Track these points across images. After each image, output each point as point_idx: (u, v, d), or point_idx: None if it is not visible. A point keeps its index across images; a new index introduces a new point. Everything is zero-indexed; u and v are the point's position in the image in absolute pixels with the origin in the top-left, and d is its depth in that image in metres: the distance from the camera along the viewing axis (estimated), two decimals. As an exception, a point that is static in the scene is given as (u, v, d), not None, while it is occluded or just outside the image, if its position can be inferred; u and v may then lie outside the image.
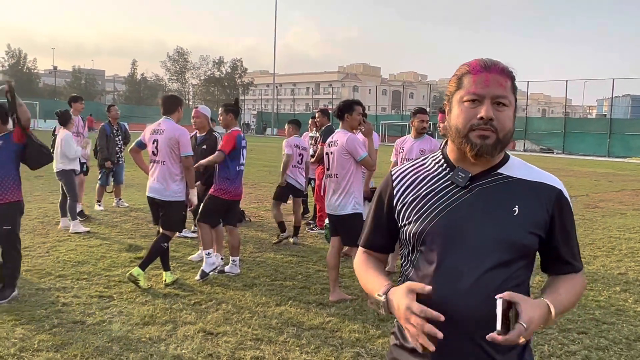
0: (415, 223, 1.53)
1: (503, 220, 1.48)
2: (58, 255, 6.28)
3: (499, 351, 1.48)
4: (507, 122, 1.48)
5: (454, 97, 1.53)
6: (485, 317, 1.44)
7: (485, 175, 1.53)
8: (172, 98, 5.62)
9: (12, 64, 61.26)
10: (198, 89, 73.26)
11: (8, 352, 3.69)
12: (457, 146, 1.53)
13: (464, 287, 1.45)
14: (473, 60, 1.53)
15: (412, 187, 1.59)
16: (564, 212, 1.55)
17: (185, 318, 4.45)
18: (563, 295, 1.49)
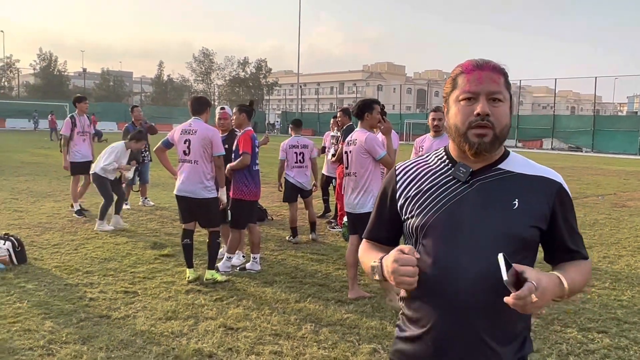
0: (417, 216, 1.59)
1: (503, 214, 1.51)
2: (86, 252, 6.48)
3: (500, 342, 1.52)
4: (503, 117, 1.52)
5: (451, 98, 1.58)
6: (486, 308, 1.49)
7: (486, 170, 1.57)
8: (201, 99, 5.74)
9: (43, 67, 62.69)
10: (223, 89, 73.93)
11: (38, 343, 3.85)
12: (456, 144, 1.58)
13: (464, 279, 1.49)
14: (466, 61, 1.58)
15: (414, 182, 1.65)
16: (565, 205, 1.58)
17: (207, 313, 4.57)
18: (572, 274, 1.50)
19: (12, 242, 5.85)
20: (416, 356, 1.60)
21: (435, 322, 1.54)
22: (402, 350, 1.65)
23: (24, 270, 5.66)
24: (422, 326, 1.57)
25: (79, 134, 8.95)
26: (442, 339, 1.54)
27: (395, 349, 1.68)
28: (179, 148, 5.45)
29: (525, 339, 1.60)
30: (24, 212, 8.94)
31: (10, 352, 3.71)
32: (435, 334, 1.55)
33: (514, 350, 1.56)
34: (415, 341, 1.60)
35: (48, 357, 3.67)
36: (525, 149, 40.91)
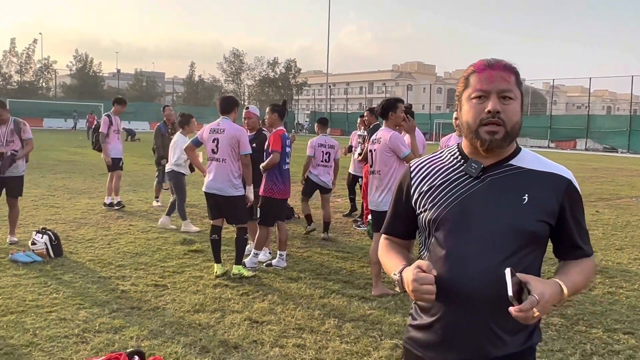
0: (430, 210, 1.65)
1: (513, 208, 1.56)
2: (118, 247, 6.70)
3: (508, 331, 1.57)
4: (514, 114, 1.58)
5: (463, 96, 1.64)
6: (495, 299, 1.54)
7: (497, 166, 1.62)
8: (229, 99, 5.88)
9: (79, 68, 64.30)
10: (253, 89, 74.55)
11: (73, 332, 4.04)
12: (469, 141, 1.64)
13: (474, 270, 1.55)
14: (477, 61, 1.63)
15: (428, 177, 1.71)
16: (573, 201, 1.62)
17: (233, 307, 4.70)
18: (574, 276, 1.57)
19: (49, 236, 6.10)
20: (427, 343, 1.67)
21: (445, 311, 1.60)
22: (414, 337, 1.72)
23: (60, 263, 5.90)
24: (432, 315, 1.64)
25: (114, 132, 9.33)
26: (451, 327, 1.60)
27: (408, 337, 1.76)
28: (208, 147, 5.60)
29: (534, 329, 1.65)
30: (60, 208, 9.27)
31: (47, 339, 3.90)
32: (445, 322, 1.61)
33: (522, 339, 1.61)
34: (426, 329, 1.67)
35: (82, 344, 3.84)
36: (558, 149, 40.14)
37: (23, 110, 47.70)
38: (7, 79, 59.35)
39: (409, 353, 1.75)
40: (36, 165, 15.69)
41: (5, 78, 59.25)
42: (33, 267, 5.68)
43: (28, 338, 3.91)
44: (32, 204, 9.52)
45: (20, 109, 47.44)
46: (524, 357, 1.62)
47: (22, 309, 4.48)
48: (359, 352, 3.88)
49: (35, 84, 60.82)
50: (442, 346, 1.62)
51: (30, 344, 3.82)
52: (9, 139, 6.54)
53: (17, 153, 6.54)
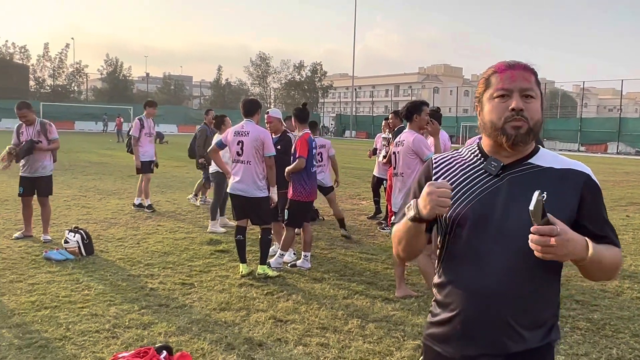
0: (450, 207, 1.66)
1: None
2: (147, 246, 6.86)
3: (527, 327, 1.60)
4: (536, 112, 1.61)
5: (484, 96, 1.67)
6: (514, 295, 1.57)
7: (516, 164, 1.65)
8: (252, 101, 5.97)
9: (109, 72, 65.67)
10: (279, 92, 75.01)
11: (103, 327, 4.17)
12: (492, 139, 1.66)
13: (493, 267, 1.59)
14: (497, 63, 1.68)
15: (449, 174, 1.74)
16: (592, 195, 1.63)
17: (258, 306, 4.78)
18: (601, 247, 1.53)
19: (81, 235, 6.30)
20: (446, 338, 1.69)
21: (464, 306, 1.63)
22: (433, 333, 1.75)
23: (92, 261, 6.08)
24: (451, 310, 1.67)
25: (145, 134, 9.53)
26: (470, 322, 1.63)
27: (427, 333, 1.79)
28: (233, 149, 5.70)
29: (552, 326, 1.66)
30: (91, 208, 9.53)
31: (79, 334, 4.04)
32: (464, 317, 1.64)
33: (541, 336, 1.62)
34: (445, 324, 1.70)
35: (112, 339, 3.97)
36: (589, 153, 39.34)
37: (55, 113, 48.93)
38: (41, 83, 60.95)
39: (429, 349, 1.78)
40: (68, 167, 16.13)
41: (39, 82, 60.86)
42: (66, 264, 5.87)
43: (61, 332, 4.06)
44: (65, 204, 9.80)
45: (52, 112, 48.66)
46: (542, 353, 1.64)
47: (55, 304, 4.65)
48: (382, 352, 3.92)
49: (67, 87, 62.30)
50: (460, 341, 1.65)
51: (63, 337, 3.97)
52: (35, 139, 6.80)
53: (39, 142, 6.77)
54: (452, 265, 1.69)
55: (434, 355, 1.75)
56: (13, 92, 48.53)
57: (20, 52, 59.84)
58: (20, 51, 59.88)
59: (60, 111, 49.65)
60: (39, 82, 60.86)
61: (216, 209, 8.16)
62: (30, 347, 3.80)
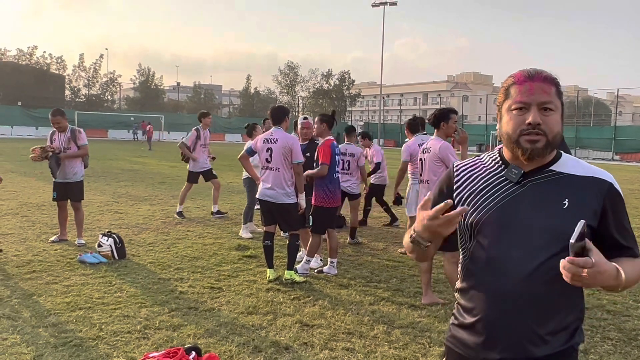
0: (472, 214, 1.69)
1: (553, 212, 1.59)
2: (177, 251, 7.00)
3: (549, 332, 1.60)
4: (555, 125, 1.61)
5: (503, 107, 1.68)
6: (536, 300, 1.58)
7: (538, 172, 1.65)
8: (280, 109, 6.04)
9: (142, 81, 67.11)
10: (307, 101, 75.39)
11: (135, 328, 4.29)
12: (509, 150, 1.68)
13: (515, 273, 1.59)
14: (517, 71, 1.67)
15: (470, 181, 1.76)
16: (615, 203, 1.63)
17: (285, 310, 4.84)
18: (629, 269, 1.52)
19: (114, 239, 6.47)
20: (469, 342, 1.71)
21: (487, 311, 1.65)
22: (456, 336, 1.77)
23: (124, 264, 6.24)
24: (474, 315, 1.68)
25: (201, 146, 9.77)
26: (493, 327, 1.64)
27: (450, 335, 1.81)
28: (262, 156, 5.79)
29: (576, 329, 1.67)
30: (123, 213, 9.76)
31: (112, 334, 4.16)
32: (487, 322, 1.65)
33: (564, 339, 1.63)
34: (468, 328, 1.71)
35: (143, 340, 4.08)
36: (624, 161, 38.37)
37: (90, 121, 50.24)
38: (76, 92, 62.64)
39: (451, 351, 1.80)
40: (101, 174, 16.53)
41: (75, 91, 62.56)
42: (99, 267, 6.04)
43: (95, 332, 4.19)
44: (98, 209, 10.06)
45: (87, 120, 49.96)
46: (565, 356, 1.64)
47: (89, 305, 4.79)
48: (407, 357, 3.92)
49: (101, 96, 63.88)
50: (483, 345, 1.66)
51: (96, 337, 4.09)
52: (65, 146, 7.06)
53: (60, 153, 7.00)
54: (474, 270, 1.71)
55: (456, 357, 1.77)
56: (50, 102, 50.03)
57: (56, 62, 61.67)
58: (57, 62, 61.69)
59: (94, 119, 50.97)
60: (74, 91, 62.56)
61: (248, 214, 8.29)
62: (65, 345, 3.93)
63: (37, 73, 56.60)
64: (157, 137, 47.36)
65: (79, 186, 7.27)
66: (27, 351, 3.82)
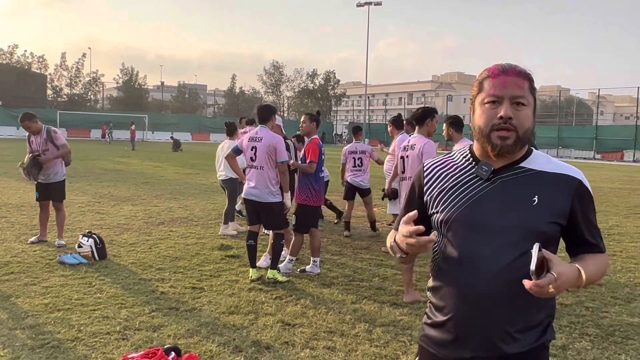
0: (442, 212, 1.70)
1: (523, 209, 1.59)
2: (159, 251, 6.95)
3: (520, 329, 1.61)
4: (526, 120, 1.61)
5: (476, 100, 1.67)
6: (506, 298, 1.58)
7: (508, 168, 1.65)
8: (266, 108, 6.02)
9: (125, 81, 66.41)
10: (292, 100, 75.31)
11: (114, 329, 4.24)
12: (480, 145, 1.67)
13: (485, 270, 1.59)
14: (492, 65, 1.67)
15: (440, 179, 1.76)
16: (584, 201, 1.64)
17: (267, 310, 4.83)
18: (591, 267, 1.56)
19: (94, 240, 6.40)
20: (440, 341, 1.71)
21: (458, 310, 1.65)
22: (428, 335, 1.77)
23: (104, 265, 6.17)
24: (446, 314, 1.69)
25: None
26: (464, 325, 1.65)
27: (423, 334, 1.80)
28: (247, 155, 5.78)
29: (547, 327, 1.68)
30: (105, 214, 9.66)
31: (90, 335, 4.11)
32: (458, 321, 1.65)
33: (535, 337, 1.64)
34: (439, 327, 1.71)
35: (123, 340, 4.04)
36: (605, 160, 38.92)
37: (72, 121, 49.64)
38: (58, 92, 61.84)
39: (424, 350, 1.79)
40: (83, 174, 16.35)
41: (56, 91, 61.78)
42: (79, 268, 5.97)
43: (73, 333, 4.14)
44: (79, 210, 9.95)
45: (69, 120, 49.36)
46: (536, 353, 1.65)
47: (68, 306, 4.73)
48: (388, 355, 3.93)
49: (84, 96, 63.13)
50: (455, 344, 1.66)
51: (75, 339, 4.04)
52: (43, 147, 6.95)
53: (41, 157, 6.91)
54: (445, 268, 1.70)
55: (429, 356, 1.77)
56: (31, 101, 49.41)
57: (38, 61, 60.85)
58: (38, 61, 60.88)
59: (77, 119, 50.37)
60: (56, 91, 61.76)
61: (229, 214, 8.28)
62: (43, 347, 3.88)
63: (18, 72, 55.80)
64: (140, 137, 46.97)
65: (61, 186, 7.18)
66: (3, 353, 3.76)
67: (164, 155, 28.95)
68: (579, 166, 1.71)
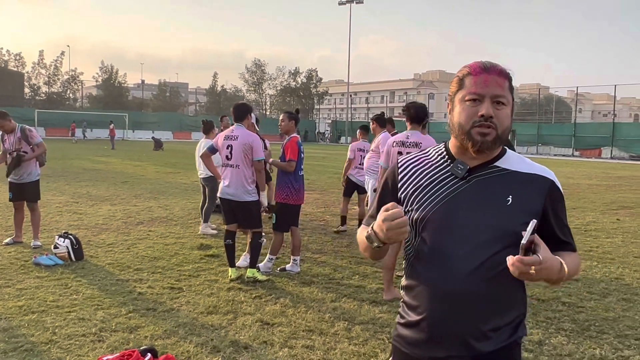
0: (416, 210, 1.68)
1: (497, 209, 1.60)
2: (137, 251, 6.87)
3: (492, 328, 1.61)
4: (505, 119, 1.61)
5: (456, 97, 1.66)
6: (479, 297, 1.58)
7: (483, 167, 1.65)
8: (241, 106, 5.99)
9: (105, 79, 65.63)
10: (274, 99, 75.16)
11: (90, 331, 4.18)
12: (459, 142, 1.66)
13: (459, 269, 1.59)
14: (473, 62, 1.65)
15: (415, 177, 1.74)
16: (556, 201, 1.66)
17: (246, 309, 4.80)
18: (569, 263, 1.57)
19: (70, 240, 6.30)
20: (414, 341, 1.70)
21: (432, 309, 1.64)
22: (402, 335, 1.75)
23: (81, 266, 6.08)
24: (419, 313, 1.68)
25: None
26: (437, 325, 1.64)
27: (396, 334, 1.78)
28: (222, 153, 5.73)
29: (519, 324, 1.68)
30: (83, 214, 9.52)
31: (65, 337, 4.05)
32: (431, 320, 1.65)
33: (507, 334, 1.64)
34: (413, 327, 1.70)
35: (99, 342, 3.98)
36: (583, 157, 39.51)
37: (51, 120, 48.89)
38: (36, 90, 60.90)
39: (397, 350, 1.78)
40: (61, 174, 16.12)
41: (34, 89, 60.80)
42: (55, 269, 5.87)
43: (47, 336, 4.06)
44: (57, 210, 9.79)
45: (48, 119, 48.59)
46: (508, 351, 1.65)
47: (43, 309, 4.65)
48: (367, 353, 3.94)
49: (62, 94, 62.25)
50: (428, 343, 1.66)
51: (49, 341, 3.97)
52: (17, 146, 6.83)
53: (24, 154, 6.80)
54: (418, 267, 1.69)
55: (402, 356, 1.75)
56: (8, 100, 48.49)
57: (15, 59, 59.83)
58: (15, 58, 59.90)
59: (55, 118, 49.63)
60: (34, 89, 60.82)
61: (209, 212, 8.23)
62: (16, 350, 3.81)
63: (-6, 70, 54.84)
64: (121, 136, 46.45)
65: (35, 186, 7.06)
66: (-25, 358, 3.68)
67: (144, 154, 28.65)
68: (558, 163, 1.71)
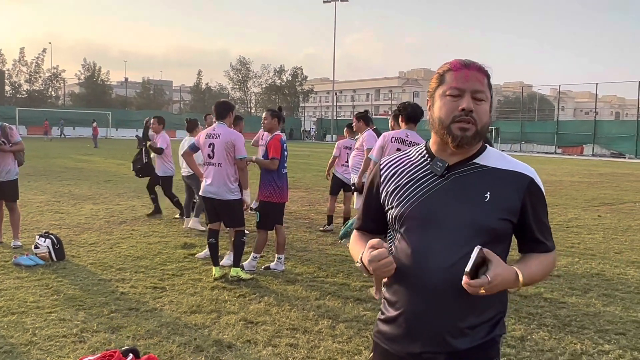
0: (396, 208, 1.70)
1: (475, 206, 1.61)
2: (120, 250, 6.80)
3: (470, 325, 1.62)
4: (485, 115, 1.63)
5: (437, 92, 1.67)
6: (457, 294, 1.57)
7: (462, 164, 1.66)
8: (223, 104, 5.96)
9: (87, 77, 64.77)
10: (260, 97, 74.90)
11: (71, 332, 4.13)
12: (439, 137, 1.67)
13: (436, 266, 1.60)
14: (453, 59, 1.68)
15: (395, 176, 1.76)
16: (535, 199, 1.66)
17: (229, 308, 4.77)
18: (533, 268, 1.61)
19: (51, 240, 6.21)
20: (392, 336, 1.71)
21: (409, 305, 1.65)
22: (381, 331, 1.76)
23: (62, 266, 6.00)
24: (397, 309, 1.69)
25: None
26: (415, 320, 1.65)
27: (376, 330, 1.80)
28: (204, 152, 5.69)
29: (498, 322, 1.69)
30: (64, 213, 9.40)
31: (46, 339, 3.99)
32: (409, 316, 1.66)
33: (485, 332, 1.64)
34: (391, 322, 1.71)
35: (80, 343, 3.93)
36: (565, 155, 40.01)
37: (32, 118, 48.21)
38: (17, 88, 59.98)
39: (377, 346, 1.79)
40: (43, 172, 15.90)
41: (15, 87, 59.88)
42: (35, 270, 5.79)
43: (27, 337, 4.00)
44: (38, 209, 9.66)
45: (29, 117, 47.91)
46: (485, 348, 1.65)
47: (22, 309, 4.58)
48: (351, 351, 3.94)
49: (44, 92, 61.40)
50: (406, 339, 1.67)
51: (29, 342, 3.92)
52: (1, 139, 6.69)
53: (3, 143, 6.66)
54: (397, 264, 1.69)
55: (382, 351, 1.77)
56: (-12, 98, 47.71)
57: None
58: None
59: (37, 116, 48.91)
60: (14, 87, 59.89)
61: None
62: (-5, 353, 3.75)
63: (-27, 68, 53.89)
64: (104, 135, 45.98)
65: (13, 185, 6.93)
66: (-48, 360, 3.62)
67: (127, 152, 28.36)
68: (541, 160, 1.72)
